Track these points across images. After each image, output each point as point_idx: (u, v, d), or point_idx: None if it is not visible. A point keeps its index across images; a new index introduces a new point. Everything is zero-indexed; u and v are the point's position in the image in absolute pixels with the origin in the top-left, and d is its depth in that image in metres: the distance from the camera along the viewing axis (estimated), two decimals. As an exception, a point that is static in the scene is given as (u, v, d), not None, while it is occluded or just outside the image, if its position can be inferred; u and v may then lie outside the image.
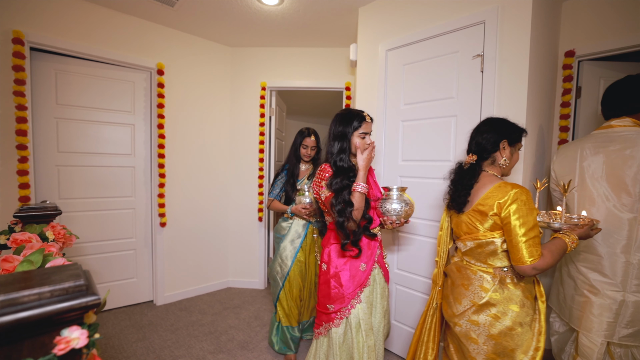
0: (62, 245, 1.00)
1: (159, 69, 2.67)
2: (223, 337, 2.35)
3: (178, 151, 2.89)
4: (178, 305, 2.86)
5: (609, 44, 2.00)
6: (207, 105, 3.07)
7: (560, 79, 2.16)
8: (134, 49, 2.59)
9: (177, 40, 2.83)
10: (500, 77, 1.66)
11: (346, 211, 1.32)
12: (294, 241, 2.09)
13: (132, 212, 2.73)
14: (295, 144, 2.15)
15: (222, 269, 3.30)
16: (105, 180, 2.59)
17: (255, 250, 3.30)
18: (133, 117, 2.69)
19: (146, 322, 2.51)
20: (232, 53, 3.20)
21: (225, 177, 3.27)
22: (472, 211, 1.21)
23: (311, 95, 4.40)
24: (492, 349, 1.16)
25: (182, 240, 2.98)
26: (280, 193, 2.17)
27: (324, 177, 1.42)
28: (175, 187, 2.89)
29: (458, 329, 1.25)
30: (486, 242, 1.18)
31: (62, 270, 0.45)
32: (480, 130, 1.27)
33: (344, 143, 1.43)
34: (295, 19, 2.58)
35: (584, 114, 2.18)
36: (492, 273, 1.19)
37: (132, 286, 2.78)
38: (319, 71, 3.17)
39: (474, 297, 1.20)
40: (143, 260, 2.81)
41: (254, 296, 3.11)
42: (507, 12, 1.65)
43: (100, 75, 2.51)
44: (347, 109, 1.50)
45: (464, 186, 1.25)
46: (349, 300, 1.39)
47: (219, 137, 3.19)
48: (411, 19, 2.04)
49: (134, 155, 2.71)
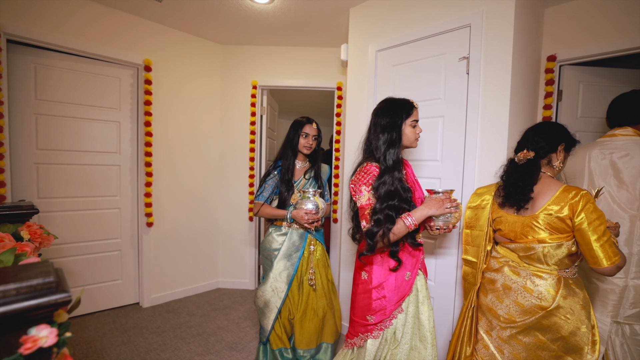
0: (39, 246, 0.97)
1: (146, 65, 2.63)
2: (211, 338, 2.32)
3: (166, 149, 2.85)
4: (165, 307, 2.81)
5: (588, 49, 2.06)
6: (196, 103, 3.04)
7: (543, 82, 2.22)
8: (119, 44, 2.54)
9: (165, 37, 2.79)
10: (484, 79, 1.69)
11: (385, 226, 1.18)
12: (291, 256, 1.74)
13: (117, 211, 2.68)
14: (290, 135, 1.81)
15: (211, 270, 3.26)
16: (89, 179, 2.53)
17: (246, 250, 3.28)
18: (119, 114, 2.63)
19: (131, 325, 2.46)
20: (223, 51, 3.18)
21: (215, 176, 3.23)
22: (540, 214, 1.19)
23: (303, 95, 4.39)
24: (563, 348, 1.18)
25: (169, 241, 2.93)
26: (271, 196, 1.80)
27: (367, 181, 1.24)
28: (162, 186, 2.84)
29: (514, 330, 1.24)
30: (557, 245, 1.18)
31: (31, 268, 0.44)
32: (540, 129, 1.29)
33: (394, 134, 1.26)
34: (287, 18, 2.57)
35: (565, 117, 2.23)
36: (557, 275, 1.20)
37: (117, 288, 2.72)
38: (310, 70, 3.17)
39: (540, 302, 1.19)
40: (129, 261, 2.76)
41: (244, 296, 3.08)
42: (492, 17, 1.68)
43: (84, 71, 2.45)
44: (388, 98, 1.35)
45: (525, 184, 1.23)
46: (391, 311, 1.29)
47: (208, 136, 3.15)
48: (400, 21, 2.07)
49: (119, 153, 2.66)
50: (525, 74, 1.89)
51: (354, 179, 1.30)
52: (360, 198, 1.24)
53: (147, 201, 2.70)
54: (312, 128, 1.80)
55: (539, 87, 2.23)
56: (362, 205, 1.23)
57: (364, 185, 1.23)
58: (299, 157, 1.83)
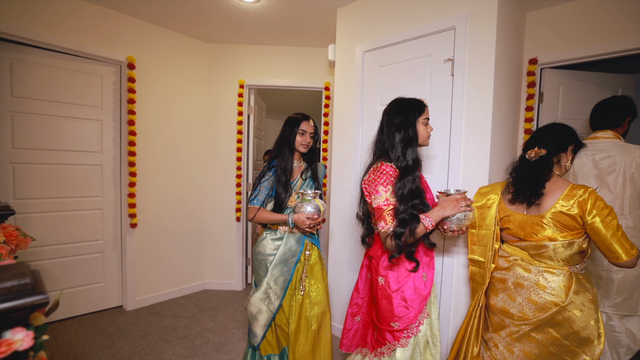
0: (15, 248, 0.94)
1: (130, 63, 2.57)
2: (198, 340, 2.28)
3: (150, 149, 2.79)
4: (150, 309, 2.75)
5: (568, 53, 2.14)
6: (182, 101, 2.99)
7: (525, 84, 2.29)
8: (101, 40, 2.47)
9: (149, 34, 2.73)
10: (469, 80, 1.73)
11: (411, 222, 1.15)
12: (287, 261, 1.63)
13: (99, 212, 2.60)
14: (286, 132, 1.67)
15: (198, 271, 3.21)
16: (70, 179, 2.45)
17: (233, 251, 3.24)
18: (100, 112, 2.56)
19: (114, 329, 2.40)
20: (209, 49, 3.14)
21: (202, 176, 3.19)
22: (550, 212, 1.21)
23: (291, 95, 4.38)
24: (575, 342, 1.20)
25: (154, 242, 2.87)
26: (266, 199, 1.65)
27: (384, 180, 1.19)
28: (147, 187, 2.78)
29: (527, 328, 1.25)
30: (569, 243, 1.19)
31: (5, 270, 0.42)
32: (553, 129, 1.30)
33: (410, 131, 1.23)
34: (274, 17, 2.56)
35: (546, 118, 2.31)
36: (569, 271, 1.22)
37: (99, 291, 2.64)
38: (298, 70, 3.16)
39: (554, 298, 1.20)
40: (111, 263, 2.68)
41: (232, 297, 3.05)
42: (475, 20, 1.72)
43: (63, 67, 2.37)
44: (398, 98, 1.33)
45: (538, 180, 1.24)
46: (416, 316, 1.24)
47: (194, 135, 3.10)
48: (387, 23, 2.09)
49: (101, 152, 2.58)
50: (508, 76, 1.95)
51: (368, 180, 1.26)
52: (376, 199, 1.19)
53: (130, 202, 2.64)
54: (309, 125, 1.68)
55: (521, 89, 2.30)
56: (380, 206, 1.18)
57: (381, 185, 1.19)
58: (295, 156, 1.71)
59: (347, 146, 2.29)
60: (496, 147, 1.80)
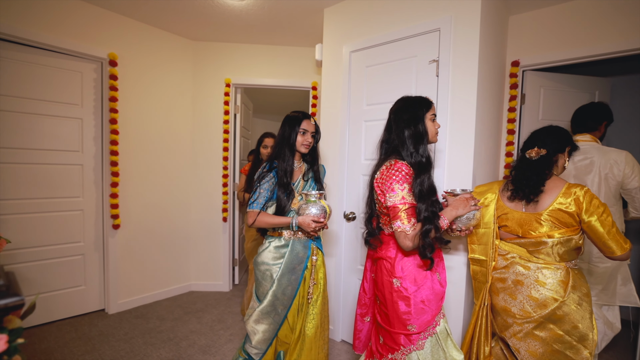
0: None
1: (112, 60, 2.49)
2: (183, 342, 2.24)
3: (134, 148, 2.72)
4: (134, 312, 2.68)
5: (548, 56, 2.21)
6: (166, 100, 2.93)
7: (508, 86, 2.35)
8: (81, 36, 2.40)
9: (133, 31, 2.66)
10: (453, 82, 1.76)
11: (435, 220, 1.14)
12: (294, 269, 1.52)
13: (80, 213, 2.52)
14: (286, 132, 1.56)
15: (183, 272, 3.15)
16: (49, 180, 2.36)
17: (220, 252, 3.20)
18: (81, 110, 2.48)
19: (96, 333, 2.33)
20: (195, 47, 3.08)
21: (187, 176, 3.13)
22: (549, 209, 1.26)
23: (278, 94, 4.36)
24: (576, 337, 1.24)
25: (138, 243, 2.80)
26: (267, 202, 1.53)
27: (399, 178, 1.15)
28: (130, 187, 2.71)
29: (530, 326, 1.27)
30: (567, 240, 1.24)
31: (-23, 271, 0.40)
32: (552, 131, 1.35)
33: (420, 126, 1.21)
34: (261, 16, 2.54)
35: (527, 119, 2.38)
36: (565, 267, 1.27)
37: (80, 295, 2.56)
38: (285, 70, 3.15)
39: (554, 293, 1.24)
40: (93, 265, 2.60)
41: (218, 299, 3.01)
42: (460, 22, 1.76)
43: (42, 64, 2.29)
44: (405, 97, 1.32)
45: (539, 177, 1.28)
46: (433, 317, 1.22)
47: (179, 134, 3.05)
48: (374, 23, 2.11)
49: (82, 151, 2.50)
50: (491, 78, 2.00)
51: (381, 178, 1.22)
52: (392, 197, 1.15)
53: (113, 202, 2.57)
54: (310, 124, 1.58)
55: (504, 91, 2.36)
56: (396, 205, 1.14)
57: (397, 183, 1.15)
58: (296, 156, 1.61)
59: (335, 146, 2.30)
60: (480, 146, 1.84)
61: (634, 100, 2.86)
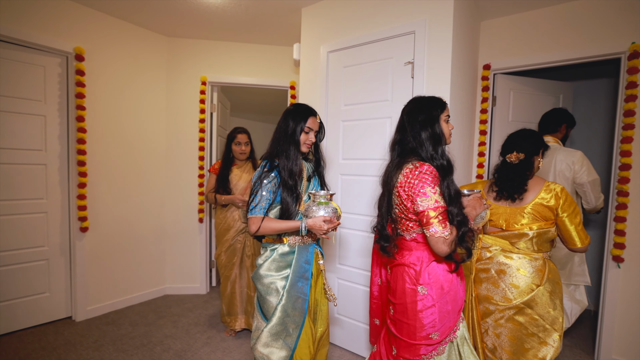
0: None
1: (78, 54, 2.36)
2: (157, 348, 2.17)
3: (104, 147, 2.60)
4: (104, 319, 2.56)
5: (517, 61, 2.31)
6: (138, 97, 2.81)
7: (480, 88, 2.43)
8: (44, 28, 2.25)
9: (102, 24, 2.54)
10: (427, 83, 1.80)
11: (467, 221, 1.12)
12: (302, 278, 1.36)
13: (43, 216, 2.37)
14: (289, 127, 1.37)
15: (158, 275, 3.05)
16: (8, 180, 2.21)
17: (196, 253, 3.12)
18: (44, 106, 2.33)
19: (62, 342, 2.20)
20: (169, 43, 2.98)
21: (162, 176, 3.03)
22: (535, 205, 1.39)
23: (256, 93, 4.30)
24: (550, 320, 1.36)
25: (108, 246, 2.68)
26: (269, 206, 1.34)
27: (431, 181, 1.10)
28: (100, 187, 2.58)
29: (511, 312, 1.38)
30: (546, 232, 1.38)
31: None
32: (526, 135, 1.46)
33: (436, 128, 1.16)
34: (238, 13, 2.49)
35: (498, 120, 2.48)
36: (542, 257, 1.41)
37: (44, 302, 2.41)
38: (263, 68, 3.11)
39: (532, 280, 1.37)
40: (58, 271, 2.46)
41: (195, 302, 2.94)
42: (434, 25, 1.80)
43: (0, 56, 2.14)
44: (418, 97, 1.27)
45: (522, 179, 1.41)
46: (455, 322, 1.18)
47: (153, 133, 2.94)
48: (351, 24, 2.12)
49: (45, 150, 2.36)
50: (464, 80, 2.06)
51: (407, 182, 1.13)
52: (424, 201, 1.09)
53: (80, 204, 2.44)
54: (315, 122, 1.41)
55: (476, 93, 2.45)
56: (429, 209, 1.08)
57: (428, 186, 1.09)
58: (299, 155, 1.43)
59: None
60: (454, 146, 1.90)
61: (594, 103, 3.04)
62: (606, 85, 2.98)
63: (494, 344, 1.44)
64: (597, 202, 2.07)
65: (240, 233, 2.31)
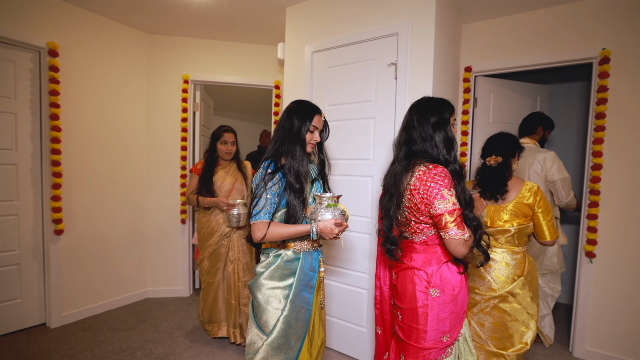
0: None
1: (52, 50, 2.26)
2: (138, 353, 2.11)
3: (80, 146, 2.50)
4: (80, 325, 2.47)
5: (497, 64, 2.37)
6: (118, 95, 2.72)
7: (461, 90, 2.49)
8: (16, 22, 2.14)
9: (78, 19, 2.44)
10: (410, 84, 1.83)
11: (482, 225, 1.15)
12: (306, 287, 1.28)
13: (14, 218, 2.26)
14: (294, 125, 1.27)
15: (138, 278, 2.96)
16: (-25, 181, 2.10)
17: (179, 255, 3.05)
18: (14, 103, 2.22)
19: (35, 350, 2.11)
20: (150, 40, 2.90)
21: (142, 176, 2.94)
22: (516, 203, 1.49)
23: (241, 92, 4.24)
24: (529, 308, 1.48)
25: (86, 249, 2.58)
26: (273, 210, 1.24)
27: (447, 183, 1.08)
28: (76, 188, 2.48)
29: (496, 300, 1.49)
30: (525, 227, 1.49)
31: None
32: (503, 139, 1.56)
33: (448, 131, 1.14)
34: (220, 11, 2.45)
35: (479, 121, 2.54)
36: (522, 250, 1.53)
37: (16, 309, 2.30)
38: (247, 67, 3.07)
39: (515, 271, 1.49)
40: (31, 275, 2.35)
41: (177, 305, 2.87)
42: (416, 28, 1.82)
43: (-34, 51, 2.02)
44: (426, 97, 1.25)
45: (503, 180, 1.52)
46: (462, 321, 1.19)
47: (133, 132, 2.85)
48: (335, 25, 2.12)
49: (16, 150, 2.25)
50: (446, 81, 2.10)
51: (422, 184, 1.09)
52: (442, 204, 1.06)
53: (55, 205, 2.34)
54: (320, 120, 1.33)
55: (458, 94, 2.50)
56: (447, 212, 1.06)
57: (445, 189, 1.07)
58: None
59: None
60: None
61: (570, 105, 3.17)
62: (581, 88, 3.11)
63: (478, 333, 1.54)
64: (568, 199, 2.19)
65: (225, 237, 2.18)
